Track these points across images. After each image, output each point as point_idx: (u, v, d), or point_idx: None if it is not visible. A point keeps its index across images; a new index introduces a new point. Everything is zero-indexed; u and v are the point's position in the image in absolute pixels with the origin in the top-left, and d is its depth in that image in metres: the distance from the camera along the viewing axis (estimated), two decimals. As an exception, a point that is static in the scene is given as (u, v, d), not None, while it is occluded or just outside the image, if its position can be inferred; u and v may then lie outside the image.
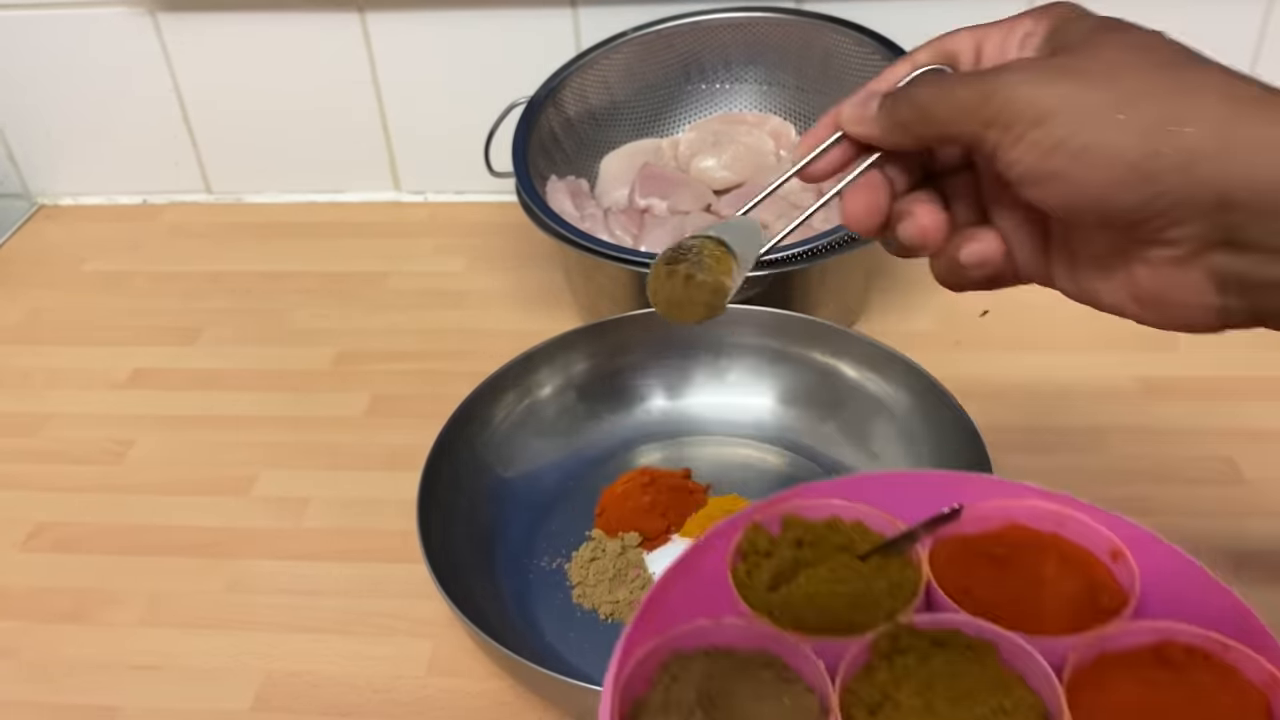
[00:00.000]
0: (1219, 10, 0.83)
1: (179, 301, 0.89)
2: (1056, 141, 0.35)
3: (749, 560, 0.47)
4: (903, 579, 0.46)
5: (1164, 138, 0.35)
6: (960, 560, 0.47)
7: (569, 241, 0.73)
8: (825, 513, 0.48)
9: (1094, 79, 0.36)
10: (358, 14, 0.90)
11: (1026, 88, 0.36)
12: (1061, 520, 0.47)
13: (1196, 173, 0.34)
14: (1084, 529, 0.47)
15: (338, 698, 0.58)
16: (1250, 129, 0.35)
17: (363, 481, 0.71)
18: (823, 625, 0.44)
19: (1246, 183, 0.35)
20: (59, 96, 0.97)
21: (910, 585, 0.45)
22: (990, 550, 0.47)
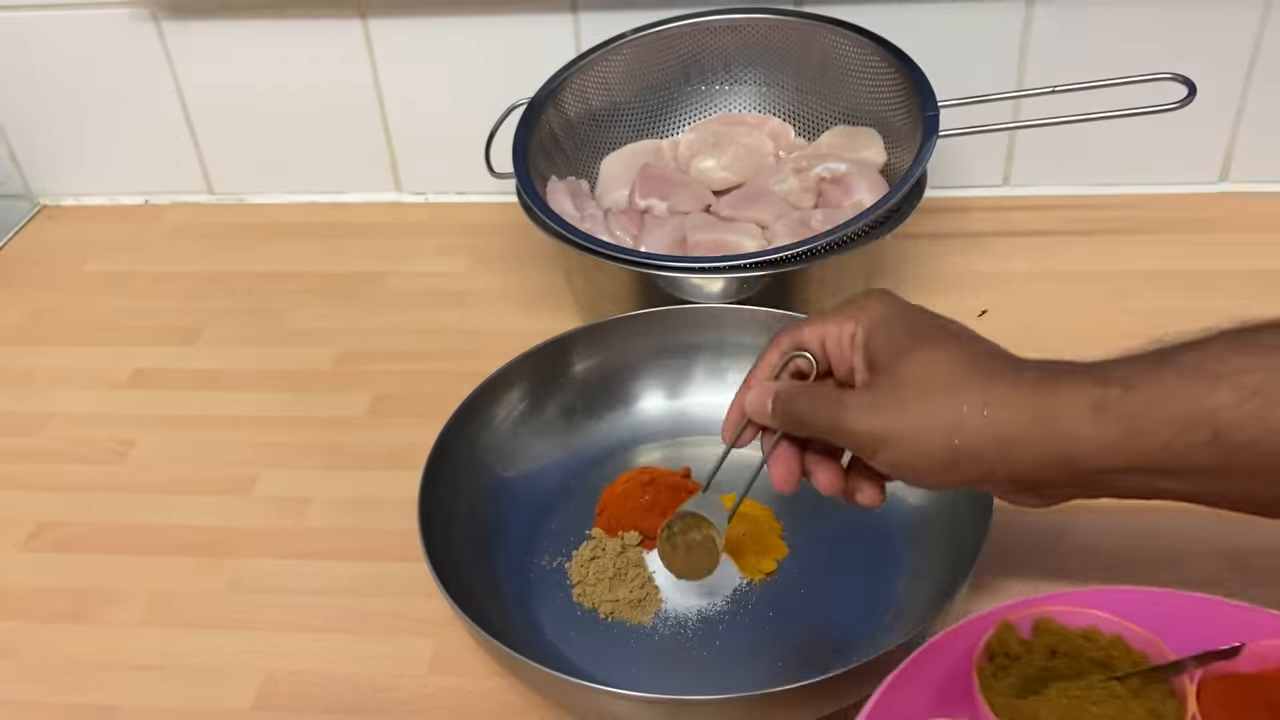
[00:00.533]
0: (1218, 11, 0.83)
1: (181, 302, 0.89)
2: (894, 461, 0.47)
3: (996, 661, 0.45)
4: (1163, 710, 0.42)
5: (955, 443, 0.45)
6: (1232, 702, 0.43)
7: (569, 242, 0.73)
8: (1083, 621, 0.45)
9: (903, 407, 0.47)
10: (359, 15, 0.90)
11: (863, 423, 0.47)
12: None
13: (986, 460, 0.45)
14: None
15: (339, 697, 0.58)
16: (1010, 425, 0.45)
17: (364, 481, 0.71)
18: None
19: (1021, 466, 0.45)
20: (61, 97, 0.97)
21: (1171, 719, 0.42)
22: (1269, 696, 0.43)
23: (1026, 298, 0.83)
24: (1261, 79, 0.86)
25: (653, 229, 0.78)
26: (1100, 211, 0.91)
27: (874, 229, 0.73)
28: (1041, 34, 0.85)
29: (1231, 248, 0.86)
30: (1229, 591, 0.45)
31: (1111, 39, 0.85)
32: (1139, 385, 0.43)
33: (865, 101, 0.84)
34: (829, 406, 0.49)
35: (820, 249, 0.71)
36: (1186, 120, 0.78)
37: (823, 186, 0.80)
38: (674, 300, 0.72)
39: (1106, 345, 0.77)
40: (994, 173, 0.93)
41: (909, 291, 0.82)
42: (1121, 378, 0.44)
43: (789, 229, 0.76)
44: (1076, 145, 0.90)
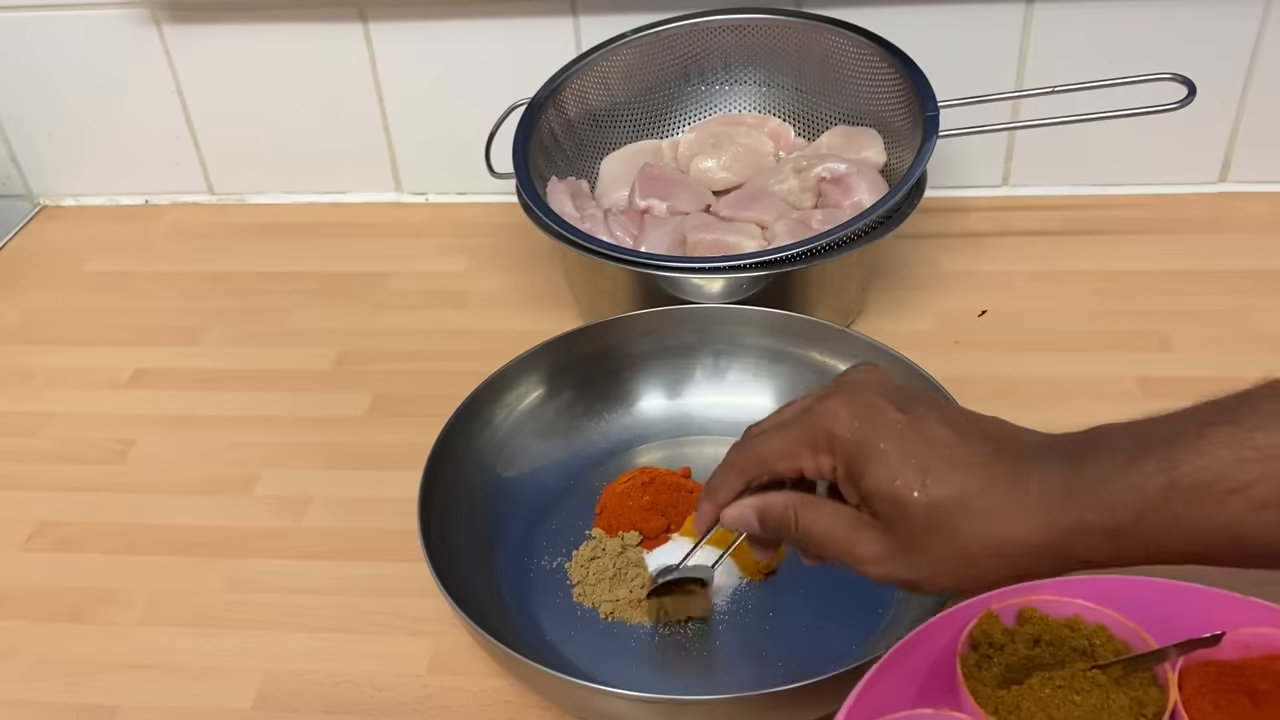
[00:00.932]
0: (1218, 11, 0.83)
1: (181, 302, 0.89)
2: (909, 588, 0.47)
3: (979, 650, 0.45)
4: (1146, 699, 0.42)
5: (971, 575, 0.45)
6: (1213, 689, 0.43)
7: (569, 242, 0.73)
8: (1067, 611, 0.45)
9: (920, 556, 0.46)
10: (359, 15, 0.90)
11: (880, 570, 0.46)
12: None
13: (1001, 583, 0.45)
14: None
15: (339, 696, 0.58)
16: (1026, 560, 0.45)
17: (364, 481, 0.71)
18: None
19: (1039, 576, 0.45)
20: (61, 97, 0.97)
21: (1154, 708, 0.42)
22: (1250, 683, 0.43)
23: (1026, 298, 0.83)
24: (1261, 79, 0.86)
25: (653, 229, 0.78)
26: (1100, 211, 0.91)
27: (874, 229, 0.73)
28: (1041, 34, 0.85)
29: (1231, 248, 0.86)
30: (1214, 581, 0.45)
31: (1111, 39, 0.85)
32: (1149, 513, 0.42)
33: (865, 102, 0.84)
34: (841, 542, 0.47)
35: (820, 249, 0.71)
36: (1186, 120, 0.78)
37: (823, 186, 0.80)
38: (674, 300, 0.72)
39: (1107, 346, 0.77)
40: (994, 173, 0.93)
41: (908, 292, 0.83)
42: (1130, 503, 0.42)
43: (789, 229, 0.76)
44: (1076, 145, 0.90)
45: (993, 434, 0.46)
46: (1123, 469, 0.43)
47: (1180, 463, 0.42)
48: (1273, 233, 0.87)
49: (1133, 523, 0.42)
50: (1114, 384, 0.74)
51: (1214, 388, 0.48)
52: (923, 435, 0.46)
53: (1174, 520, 0.42)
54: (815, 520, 0.48)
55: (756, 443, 0.51)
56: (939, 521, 0.44)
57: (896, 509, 0.45)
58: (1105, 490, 0.43)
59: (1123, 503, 0.42)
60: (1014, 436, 0.47)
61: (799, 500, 0.49)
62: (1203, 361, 0.75)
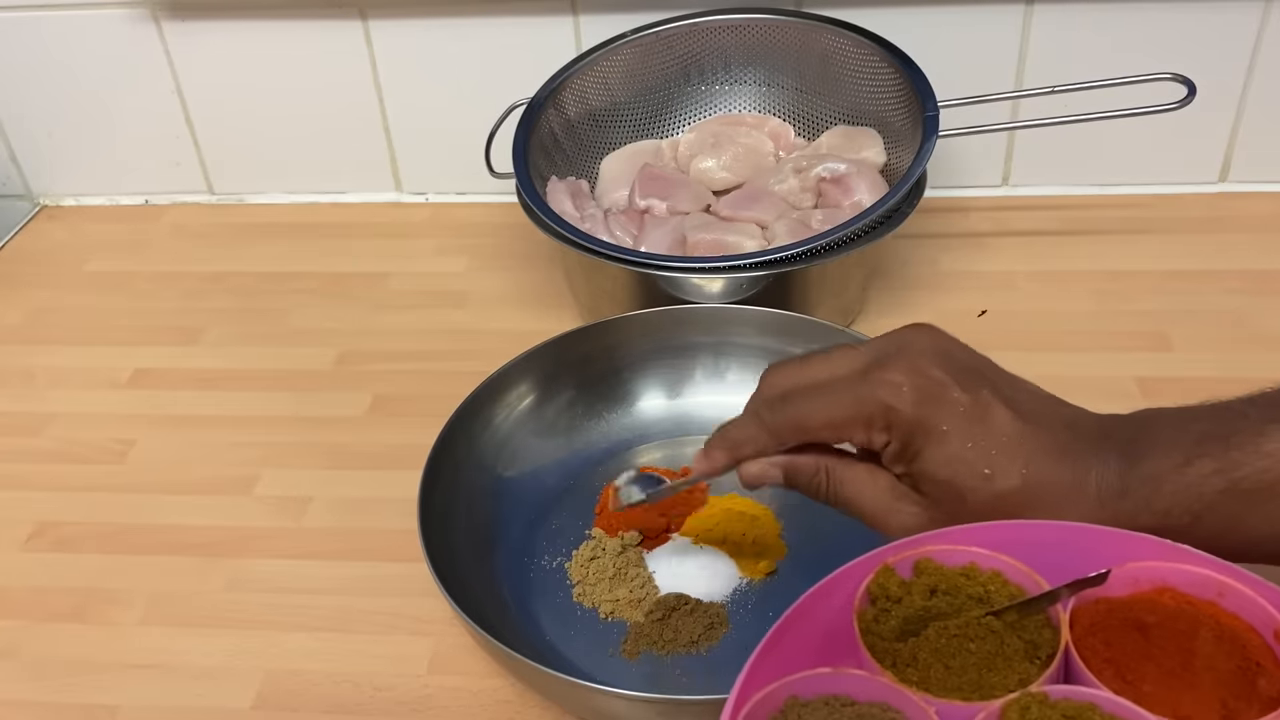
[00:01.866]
0: (1218, 11, 0.83)
1: (181, 302, 0.89)
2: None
3: (877, 605, 0.45)
4: (1040, 640, 0.43)
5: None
6: (1104, 626, 0.43)
7: (569, 242, 0.73)
8: (962, 559, 0.45)
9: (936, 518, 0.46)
10: (359, 14, 0.90)
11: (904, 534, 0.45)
12: (1221, 589, 0.43)
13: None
14: (1246, 601, 0.43)
15: (339, 696, 0.58)
16: None
17: (364, 481, 0.71)
18: (950, 684, 0.42)
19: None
20: (61, 97, 0.97)
21: (1047, 649, 0.42)
22: (1139, 617, 0.44)
23: (1026, 298, 0.83)
24: (1261, 79, 0.86)
25: (653, 229, 0.78)
26: (1100, 211, 0.91)
27: (874, 229, 0.73)
28: (1041, 34, 0.85)
29: (1231, 248, 0.86)
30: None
31: (1111, 39, 0.85)
32: (1206, 515, 0.42)
33: (865, 101, 0.84)
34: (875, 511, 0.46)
35: (820, 249, 0.71)
36: (1186, 120, 0.78)
37: (823, 186, 0.80)
38: (674, 300, 0.72)
39: (1107, 346, 0.77)
40: (994, 173, 0.93)
41: (908, 291, 0.83)
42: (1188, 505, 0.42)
43: (789, 229, 0.76)
44: (1076, 145, 0.90)
45: (1054, 421, 0.45)
46: (1180, 469, 0.42)
47: (1240, 464, 0.41)
48: (1273, 233, 0.87)
49: (1189, 524, 0.42)
50: (1114, 384, 0.74)
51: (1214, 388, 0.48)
52: (986, 421, 0.44)
53: (1233, 521, 0.42)
54: (849, 484, 0.47)
55: (800, 407, 0.47)
56: (993, 513, 0.44)
57: (950, 494, 0.44)
58: (1163, 492, 0.42)
59: (1180, 505, 0.42)
60: (1072, 423, 0.46)
61: (832, 461, 0.47)
62: (1203, 361, 0.75)
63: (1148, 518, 0.42)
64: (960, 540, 0.45)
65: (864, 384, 0.45)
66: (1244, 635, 0.43)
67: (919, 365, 0.45)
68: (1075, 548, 0.44)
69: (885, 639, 0.43)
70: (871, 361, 0.46)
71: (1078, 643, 0.42)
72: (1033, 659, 0.42)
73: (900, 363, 0.45)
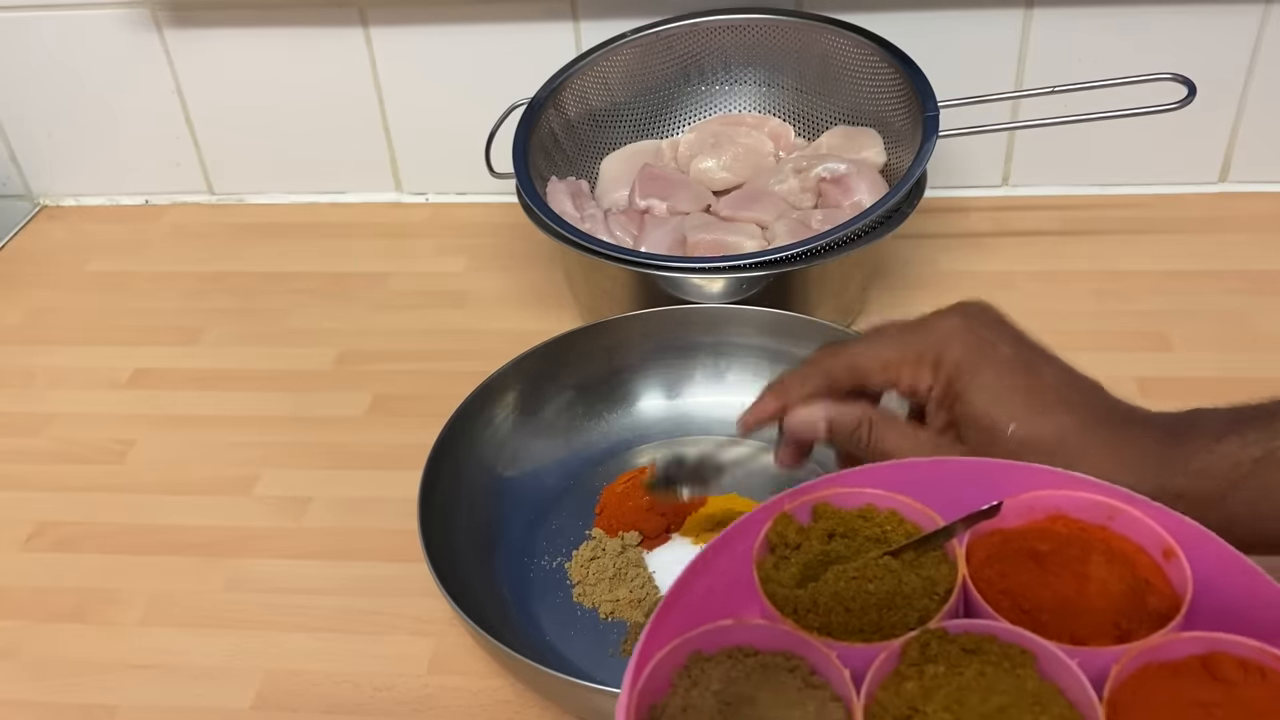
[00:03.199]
0: (1218, 11, 0.83)
1: (181, 302, 0.89)
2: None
3: (777, 553, 0.45)
4: (937, 576, 0.43)
5: None
6: (1000, 557, 0.44)
7: (569, 242, 0.73)
8: (859, 502, 0.46)
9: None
10: (359, 14, 0.90)
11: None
12: (1111, 513, 0.44)
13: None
14: (1135, 524, 0.43)
15: (338, 696, 0.58)
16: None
17: (364, 481, 0.71)
18: (851, 626, 0.42)
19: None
20: (61, 97, 0.97)
21: (945, 584, 0.43)
22: (1033, 546, 0.44)
23: (1026, 298, 0.83)
24: (1261, 79, 0.86)
25: (653, 229, 0.78)
26: (1100, 211, 0.91)
27: (874, 229, 0.73)
28: (1041, 34, 0.85)
29: (1231, 248, 0.86)
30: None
31: (1111, 39, 0.85)
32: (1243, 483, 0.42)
33: (865, 102, 0.84)
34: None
35: (820, 249, 0.71)
36: (1186, 120, 0.78)
37: (823, 187, 0.80)
38: (674, 300, 0.72)
39: (1108, 346, 0.77)
40: (994, 173, 0.93)
41: (908, 291, 0.83)
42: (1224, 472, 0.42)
43: (789, 229, 0.76)
44: (1076, 145, 0.90)
45: (1097, 391, 0.47)
46: (1219, 440, 0.43)
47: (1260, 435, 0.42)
48: (1273, 233, 0.87)
49: (1225, 492, 0.42)
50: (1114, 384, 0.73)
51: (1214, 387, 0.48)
52: (1030, 372, 0.45)
53: (1268, 491, 0.41)
54: (889, 438, 0.47)
55: (853, 350, 0.48)
56: (1026, 459, 0.43)
57: (988, 439, 0.44)
58: (1199, 459, 0.43)
59: (1217, 472, 0.42)
60: (1118, 401, 0.47)
61: (876, 415, 0.47)
62: (1203, 361, 0.75)
63: (1184, 480, 0.42)
64: (856, 482, 0.45)
65: (921, 331, 0.47)
66: (1134, 556, 0.43)
67: (970, 323, 0.47)
68: (969, 482, 0.44)
69: (785, 586, 0.43)
70: (932, 315, 0.48)
71: (974, 576, 0.43)
72: (931, 595, 0.43)
73: (957, 316, 0.47)
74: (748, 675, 0.41)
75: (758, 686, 0.41)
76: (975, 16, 0.85)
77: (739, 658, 0.42)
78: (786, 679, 0.41)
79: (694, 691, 0.41)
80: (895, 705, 0.39)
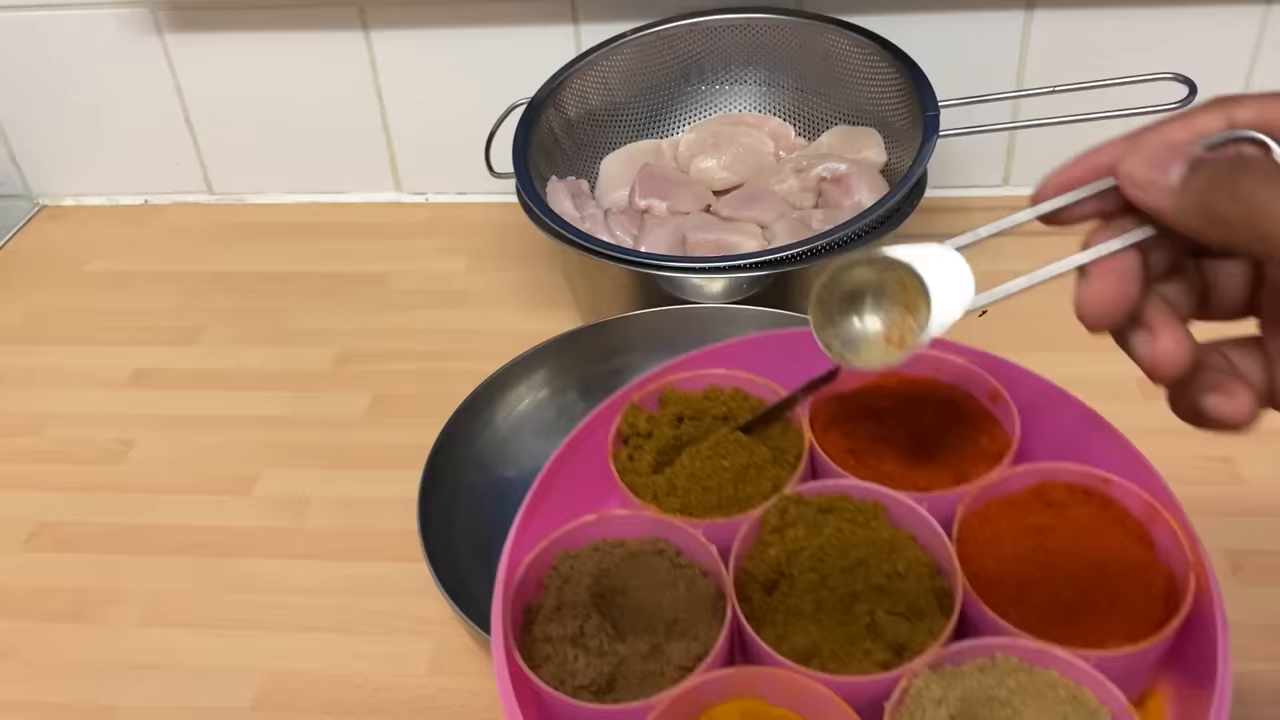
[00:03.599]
0: (1219, 11, 0.83)
1: (180, 301, 0.89)
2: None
3: (630, 444, 0.46)
4: (786, 445, 0.45)
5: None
6: (842, 419, 0.46)
7: (569, 242, 0.73)
8: (702, 384, 0.48)
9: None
10: (359, 13, 0.90)
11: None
12: (938, 364, 0.47)
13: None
14: (960, 371, 0.47)
15: (338, 697, 0.58)
16: None
17: (363, 481, 0.71)
18: (710, 503, 0.44)
19: None
20: (61, 97, 0.97)
21: (794, 452, 0.45)
22: (870, 404, 0.47)
23: (1026, 298, 0.82)
24: (1262, 79, 0.86)
25: (653, 229, 0.78)
26: (1100, 211, 0.91)
27: (874, 229, 0.72)
28: (1042, 33, 0.85)
29: (1232, 248, 0.85)
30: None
31: (1112, 39, 0.85)
32: None
33: (865, 101, 0.84)
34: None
35: (820, 249, 0.70)
36: (1187, 120, 0.78)
37: (823, 186, 0.80)
38: (674, 300, 0.72)
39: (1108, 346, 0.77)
40: (994, 173, 0.93)
41: (909, 291, 0.83)
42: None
43: (789, 229, 0.76)
44: (1077, 145, 0.89)
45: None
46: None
47: None
48: (1273, 233, 0.87)
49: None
50: (1114, 384, 0.74)
51: (1214, 388, 0.48)
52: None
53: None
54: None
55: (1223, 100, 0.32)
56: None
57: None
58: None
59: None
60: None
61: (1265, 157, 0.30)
62: (1203, 361, 0.75)
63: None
64: (697, 365, 0.47)
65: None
66: (963, 402, 0.46)
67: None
68: (804, 352, 0.44)
69: (642, 475, 0.45)
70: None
71: (820, 440, 0.45)
72: (782, 464, 0.44)
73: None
74: (617, 566, 0.43)
75: (628, 575, 0.43)
76: (976, 16, 0.85)
77: (606, 550, 0.43)
78: (655, 563, 0.43)
79: (566, 589, 0.42)
80: (762, 571, 0.41)
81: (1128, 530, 0.42)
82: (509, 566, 0.41)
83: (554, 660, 0.41)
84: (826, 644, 0.40)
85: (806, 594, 0.41)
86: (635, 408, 0.46)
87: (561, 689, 0.40)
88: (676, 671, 0.40)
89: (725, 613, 0.41)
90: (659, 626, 0.42)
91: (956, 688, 0.39)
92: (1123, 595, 0.41)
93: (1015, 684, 0.39)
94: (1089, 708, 0.38)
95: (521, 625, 0.42)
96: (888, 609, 0.40)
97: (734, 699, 0.40)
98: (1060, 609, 0.40)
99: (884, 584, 0.41)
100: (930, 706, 0.38)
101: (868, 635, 0.40)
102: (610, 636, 0.41)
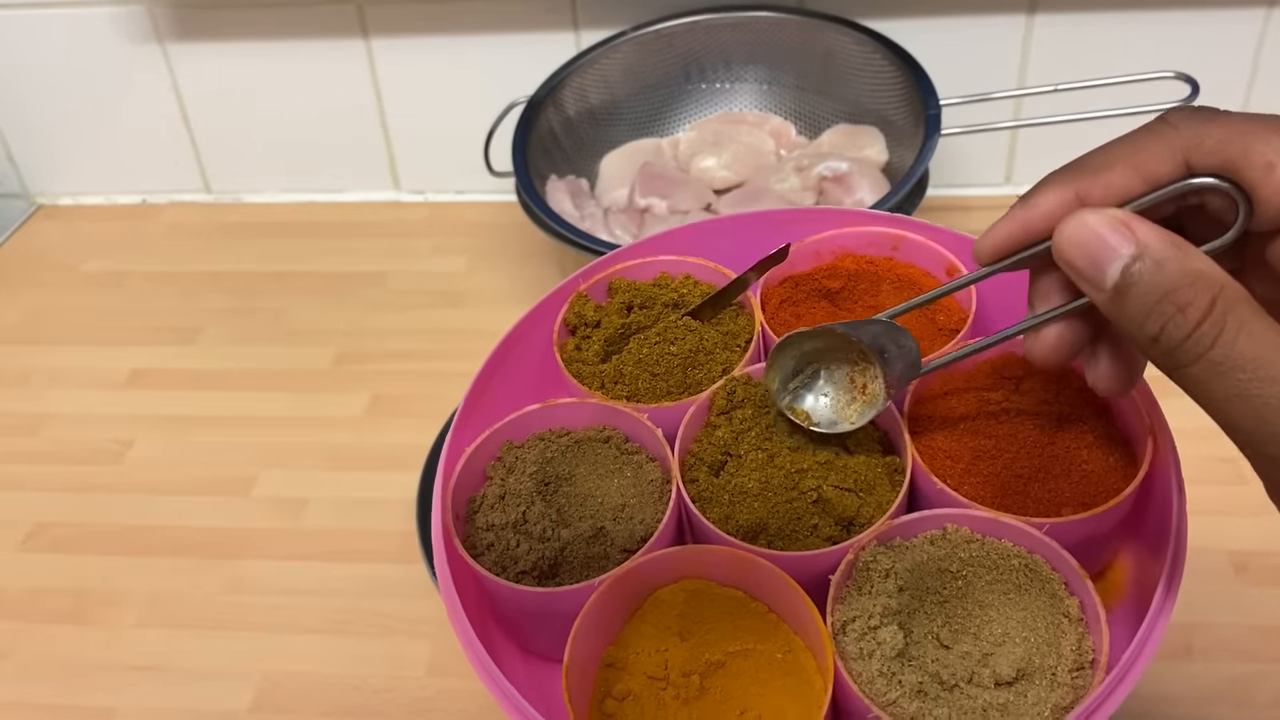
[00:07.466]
0: (1221, 10, 0.83)
1: (178, 301, 0.89)
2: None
3: (578, 334, 0.46)
4: (736, 329, 0.45)
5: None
6: (794, 301, 0.46)
7: (569, 241, 0.73)
8: (652, 272, 0.47)
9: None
10: (357, 13, 0.90)
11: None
12: (896, 243, 0.46)
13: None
14: (919, 249, 0.46)
15: (337, 698, 0.58)
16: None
17: (362, 481, 0.71)
18: (659, 390, 0.43)
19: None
20: (58, 96, 0.97)
21: (745, 335, 0.44)
22: (824, 285, 0.46)
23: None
24: (1264, 78, 0.86)
25: (652, 228, 0.78)
26: (1102, 210, 0.90)
27: (875, 228, 0.72)
28: (1044, 32, 0.85)
29: (1234, 247, 0.85)
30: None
31: (1114, 37, 0.84)
32: None
33: (867, 100, 0.83)
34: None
35: (821, 248, 0.70)
36: (1189, 119, 0.77)
37: (824, 185, 0.79)
38: (674, 300, 0.72)
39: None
40: (996, 171, 0.93)
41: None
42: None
43: (790, 228, 0.75)
44: (1079, 144, 0.89)
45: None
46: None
47: None
48: (1275, 232, 0.87)
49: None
50: (1116, 384, 0.74)
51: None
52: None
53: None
54: (1256, 334, 0.26)
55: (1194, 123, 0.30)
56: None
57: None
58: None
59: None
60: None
61: (1235, 288, 0.27)
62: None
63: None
64: (645, 253, 0.46)
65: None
66: (920, 280, 0.45)
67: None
68: (756, 234, 0.45)
69: (590, 364, 0.44)
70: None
71: (771, 321, 0.44)
72: (733, 348, 0.44)
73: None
74: (562, 454, 0.43)
75: (574, 463, 0.43)
76: (978, 15, 0.85)
77: (551, 439, 0.43)
78: (601, 450, 0.43)
79: (510, 479, 0.42)
80: (709, 453, 0.41)
81: (1085, 400, 0.41)
82: (449, 458, 0.41)
83: (496, 548, 0.41)
84: (773, 521, 0.39)
85: (753, 473, 0.40)
86: (582, 297, 0.45)
87: (504, 575, 0.40)
88: (620, 554, 0.40)
89: (671, 495, 0.41)
90: (604, 512, 0.41)
91: (905, 560, 0.38)
92: (1079, 464, 0.40)
93: (966, 555, 0.38)
94: (1041, 576, 0.38)
95: (464, 517, 0.42)
96: (835, 484, 0.40)
97: (680, 579, 0.40)
98: (1014, 480, 0.40)
99: (832, 460, 0.40)
100: (878, 579, 0.38)
101: (815, 511, 0.40)
102: (554, 522, 0.41)
